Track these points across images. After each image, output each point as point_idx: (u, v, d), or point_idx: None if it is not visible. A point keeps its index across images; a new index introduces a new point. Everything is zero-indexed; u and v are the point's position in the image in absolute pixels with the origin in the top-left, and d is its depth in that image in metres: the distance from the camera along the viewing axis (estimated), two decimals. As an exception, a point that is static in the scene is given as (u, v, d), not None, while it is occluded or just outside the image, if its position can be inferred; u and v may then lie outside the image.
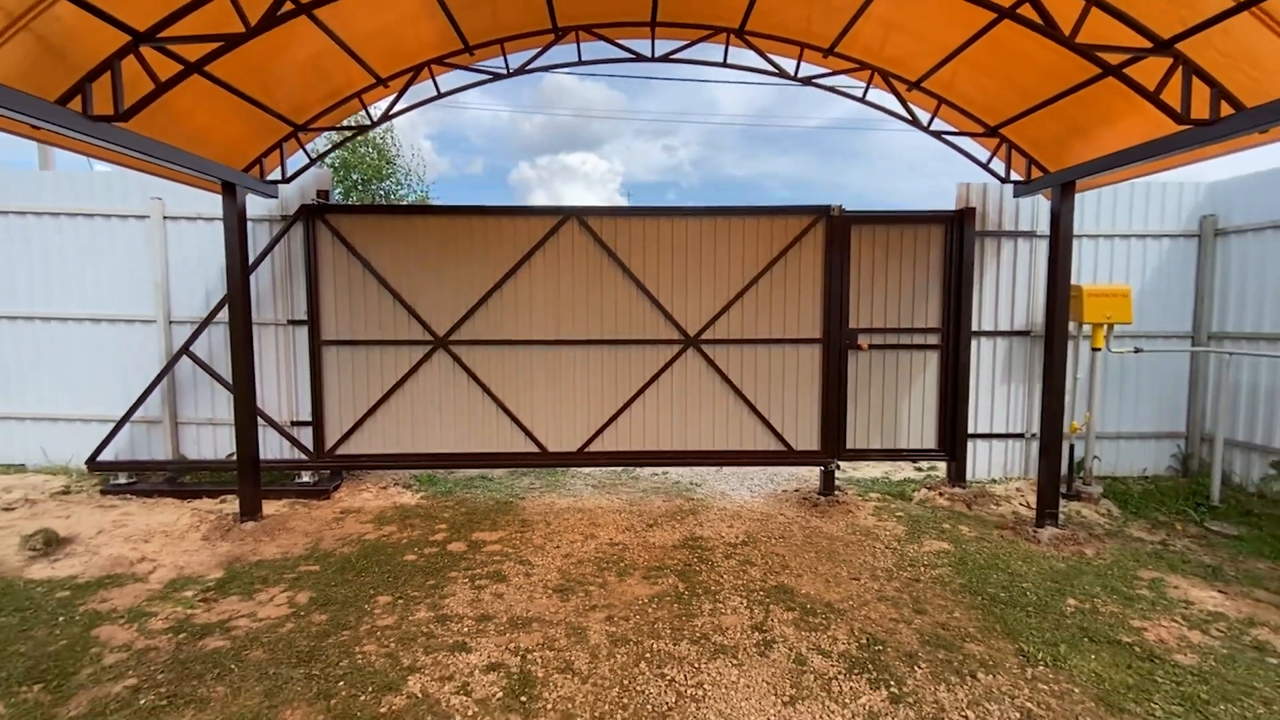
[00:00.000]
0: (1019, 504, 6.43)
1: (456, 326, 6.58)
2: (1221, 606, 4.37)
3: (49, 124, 3.88)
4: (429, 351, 6.61)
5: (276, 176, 6.27)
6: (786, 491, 6.87)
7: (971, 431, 6.93)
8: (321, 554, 5.03)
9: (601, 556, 5.03)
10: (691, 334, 6.67)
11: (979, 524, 5.89)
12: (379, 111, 6.45)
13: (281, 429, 6.71)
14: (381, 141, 16.48)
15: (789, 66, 6.27)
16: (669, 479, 7.29)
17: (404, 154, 17.49)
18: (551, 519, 5.90)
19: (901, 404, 6.80)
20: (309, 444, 6.69)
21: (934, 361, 6.78)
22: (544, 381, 6.69)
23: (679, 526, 5.73)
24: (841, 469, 7.16)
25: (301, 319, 6.67)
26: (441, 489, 6.82)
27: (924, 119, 6.32)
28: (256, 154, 5.94)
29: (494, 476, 7.26)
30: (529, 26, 5.94)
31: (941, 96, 6.11)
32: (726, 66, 6.24)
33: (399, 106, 6.13)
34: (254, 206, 6.52)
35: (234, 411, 5.75)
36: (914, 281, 6.69)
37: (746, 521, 5.89)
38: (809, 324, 6.66)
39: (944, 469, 7.13)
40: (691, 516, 6.01)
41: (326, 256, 6.51)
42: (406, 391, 6.65)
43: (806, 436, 6.76)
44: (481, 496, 6.59)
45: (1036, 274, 6.89)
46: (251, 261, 6.34)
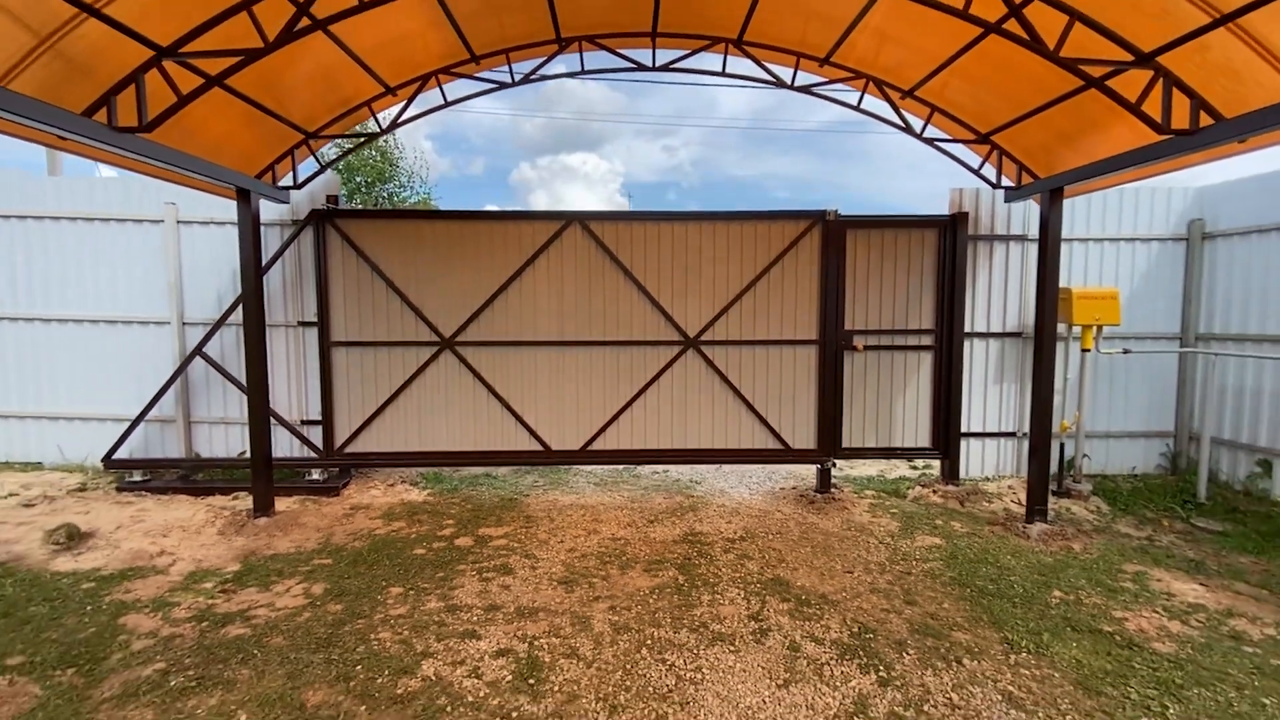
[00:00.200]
0: (1010, 501, 6.60)
1: (463, 328, 6.75)
2: (1202, 598, 4.53)
3: (75, 135, 4.06)
4: (436, 352, 6.79)
5: (288, 182, 6.44)
6: (784, 489, 7.04)
7: (965, 430, 7.10)
8: (334, 548, 5.21)
9: (604, 551, 5.21)
10: (691, 335, 6.84)
11: (971, 520, 6.06)
12: (387, 119, 6.62)
13: (292, 428, 6.88)
14: (384, 144, 16.66)
15: (786, 75, 6.45)
16: (669, 477, 7.46)
17: (406, 156, 17.69)
18: (555, 515, 6.07)
19: (896, 404, 6.97)
20: (318, 442, 6.87)
21: (928, 362, 6.95)
22: (547, 381, 6.87)
23: (679, 522, 5.90)
24: (838, 467, 7.34)
25: (311, 320, 6.85)
26: (447, 486, 6.99)
27: (917, 126, 6.49)
28: (269, 161, 6.13)
29: (498, 475, 7.43)
30: (534, 37, 6.12)
31: (934, 104, 6.28)
32: (725, 76, 6.43)
33: (407, 114, 6.30)
34: (265, 211, 6.69)
35: (248, 411, 5.93)
36: (908, 284, 6.86)
37: (745, 518, 6.06)
38: (806, 325, 6.84)
39: (938, 467, 7.30)
40: (691, 513, 6.18)
41: (336, 260, 6.69)
42: (414, 391, 6.83)
43: (803, 435, 6.93)
44: (486, 494, 6.77)
45: (1028, 277, 7.06)
46: (263, 265, 6.51)
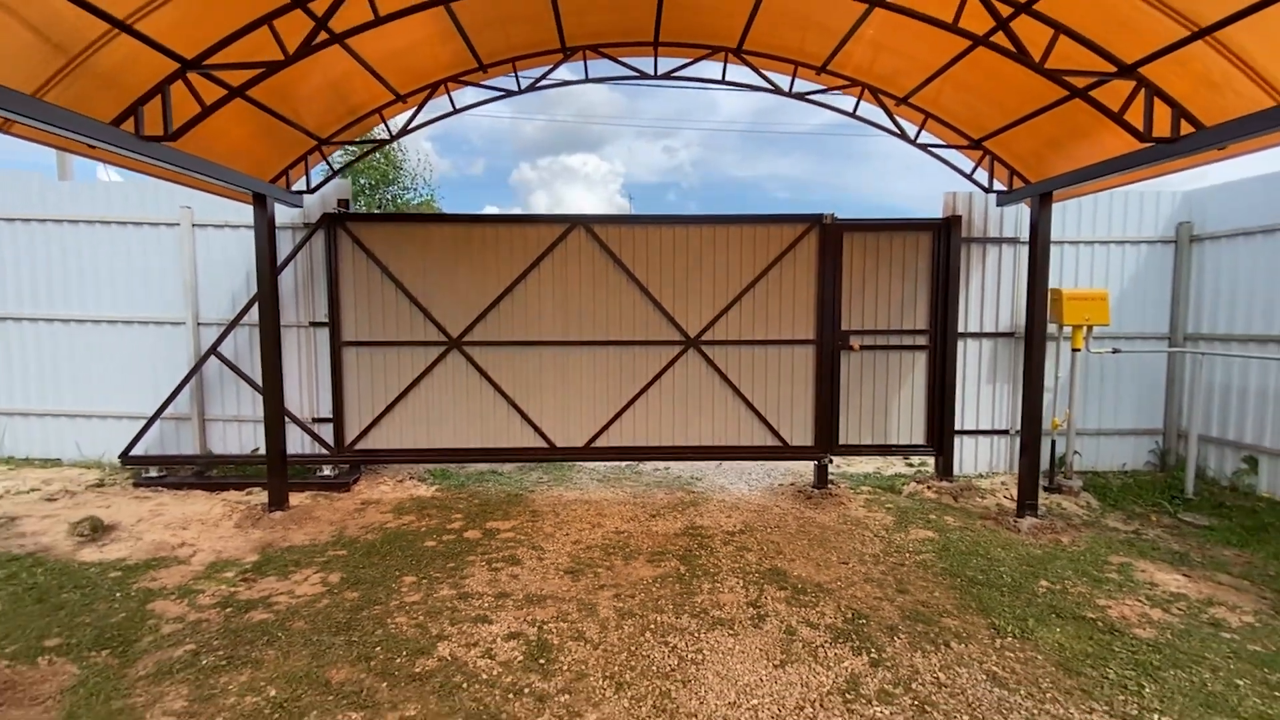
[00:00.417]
0: (1003, 497, 6.78)
1: (470, 328, 6.95)
2: (1184, 588, 4.71)
3: (104, 144, 4.26)
4: (443, 352, 6.98)
5: (301, 187, 6.65)
6: (782, 485, 7.22)
7: (959, 428, 7.28)
8: (347, 540, 5.40)
9: (608, 543, 5.39)
10: (692, 335, 7.03)
11: (963, 515, 6.24)
12: (397, 125, 6.82)
13: (304, 425, 7.08)
14: (388, 147, 16.85)
15: (784, 82, 6.64)
16: (670, 474, 7.65)
17: (410, 158, 17.88)
18: (560, 510, 6.26)
19: (892, 402, 7.16)
20: (329, 439, 7.07)
21: (922, 361, 7.14)
22: (552, 380, 7.06)
23: (680, 517, 6.09)
24: (835, 464, 7.53)
25: (322, 321, 7.05)
26: (454, 482, 7.18)
27: (911, 131, 6.68)
28: (283, 166, 6.33)
29: (504, 471, 7.62)
30: (539, 46, 6.32)
31: (928, 111, 6.47)
32: (725, 84, 6.63)
33: (417, 121, 6.50)
34: (278, 215, 6.86)
35: (263, 409, 6.12)
36: (903, 285, 7.05)
37: (744, 512, 6.25)
38: (803, 326, 7.02)
39: (933, 464, 7.48)
40: (692, 508, 6.36)
41: (347, 262, 6.88)
42: (422, 390, 7.02)
43: (801, 432, 7.12)
44: (493, 489, 6.96)
45: (1020, 278, 7.24)
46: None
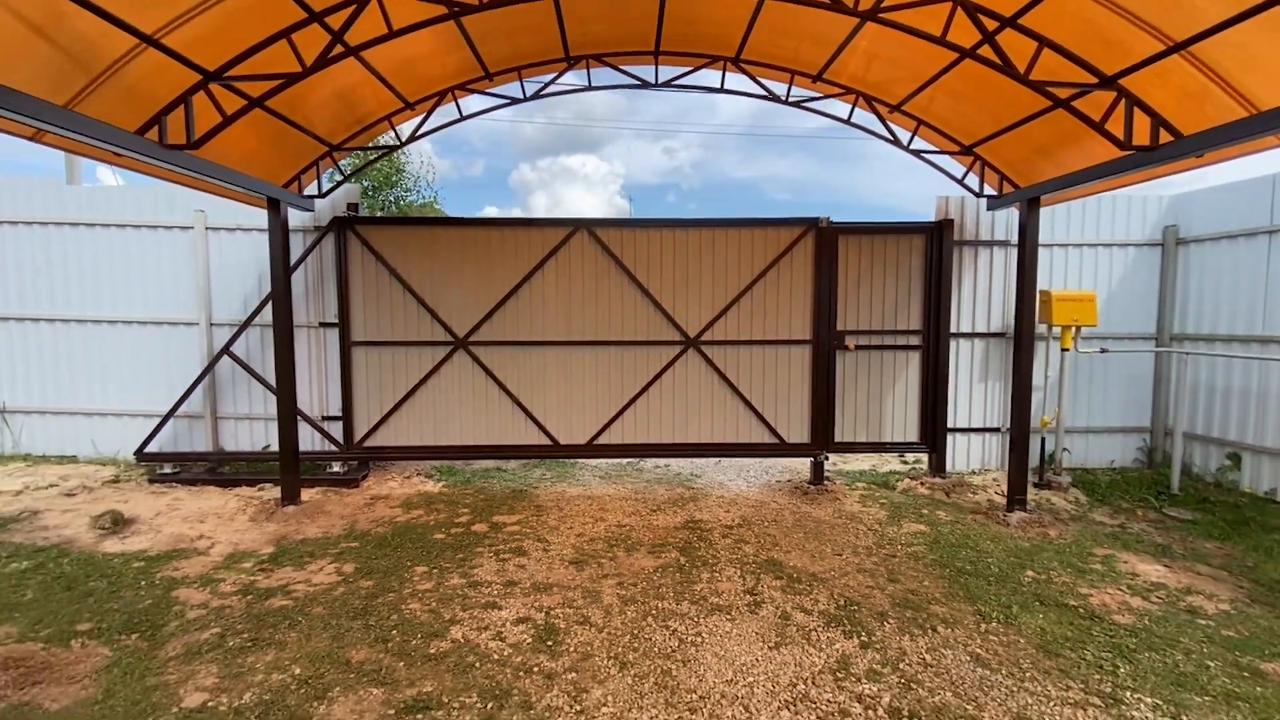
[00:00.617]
0: (994, 493, 6.97)
1: (476, 328, 7.15)
2: (1164, 578, 4.91)
3: (130, 152, 4.45)
4: (450, 351, 7.18)
5: (312, 191, 6.84)
6: (780, 482, 7.42)
7: (951, 426, 7.48)
8: (359, 533, 5.59)
9: (611, 536, 5.59)
10: (692, 335, 7.23)
11: (955, 510, 6.44)
12: (405, 131, 7.02)
13: (314, 423, 7.27)
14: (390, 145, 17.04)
15: (781, 90, 6.84)
16: (670, 470, 7.84)
17: (412, 160, 18.08)
18: (564, 505, 6.46)
19: (886, 400, 7.36)
20: (339, 437, 7.26)
21: (916, 361, 7.33)
22: (556, 379, 7.26)
23: (680, 511, 6.28)
24: (831, 461, 7.72)
25: (332, 321, 7.24)
26: (461, 478, 7.38)
27: (904, 138, 6.88)
28: (295, 171, 6.52)
29: (508, 468, 7.82)
30: (544, 56, 6.52)
31: (920, 118, 6.67)
32: (724, 91, 6.83)
33: (425, 128, 6.70)
34: (290, 218, 7.07)
35: (277, 407, 6.31)
36: (897, 287, 7.25)
37: (742, 507, 6.44)
38: (800, 326, 7.22)
39: (927, 461, 7.68)
40: (692, 503, 6.56)
41: (356, 264, 7.08)
42: (429, 388, 7.22)
43: (798, 430, 7.32)
44: (498, 485, 7.15)
45: (1010, 280, 7.43)
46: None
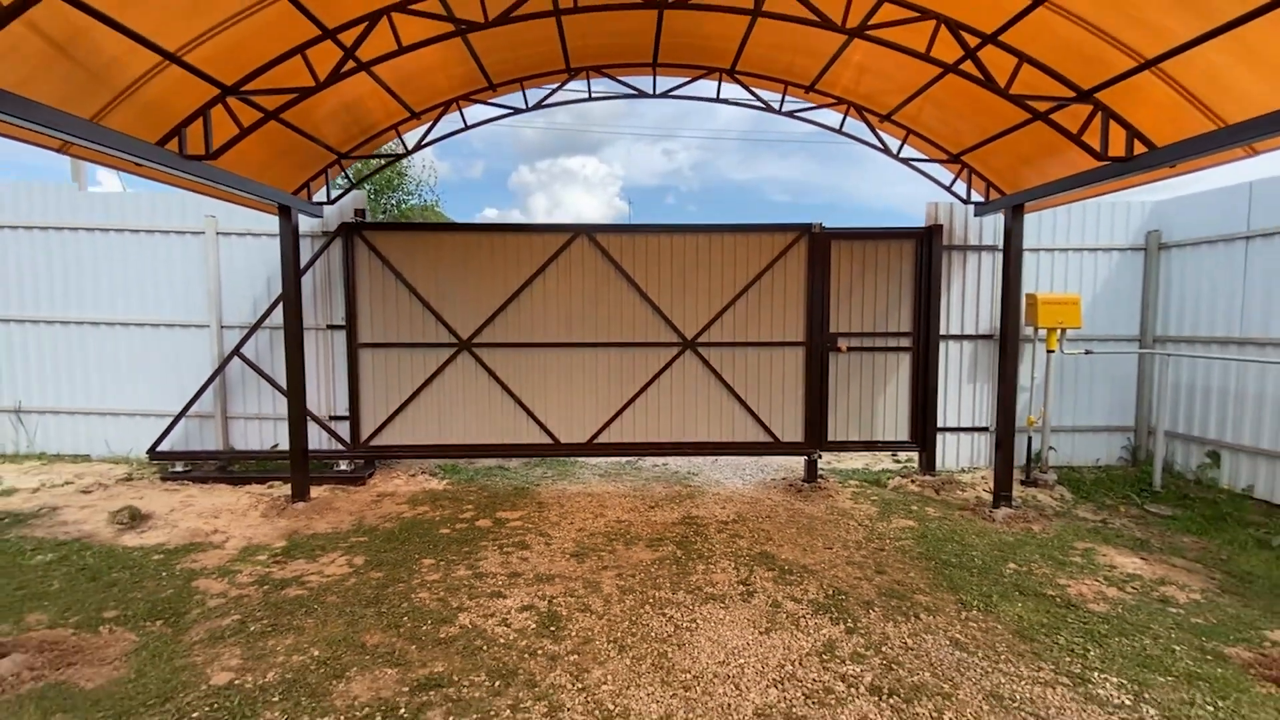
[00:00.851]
0: (982, 490, 7.19)
1: (479, 331, 7.36)
2: (1140, 570, 5.12)
3: (152, 162, 4.67)
4: (454, 353, 7.39)
5: (321, 198, 7.06)
6: (775, 480, 7.63)
7: (941, 425, 7.70)
8: (367, 528, 5.80)
9: (610, 530, 5.80)
10: (689, 337, 7.45)
11: (943, 506, 6.65)
12: (411, 139, 7.24)
13: (322, 423, 7.48)
14: (391, 150, 17.25)
15: (775, 100, 7.07)
16: (668, 469, 8.06)
17: (414, 164, 18.29)
18: (564, 501, 6.67)
19: (878, 400, 7.58)
20: (346, 436, 7.47)
21: (906, 362, 7.56)
22: (556, 380, 7.47)
23: (677, 508, 6.50)
24: (825, 460, 7.94)
25: (339, 324, 7.46)
26: (464, 476, 7.59)
27: (894, 146, 7.11)
28: (305, 179, 6.74)
29: (510, 467, 8.03)
30: (546, 67, 6.74)
31: (909, 127, 6.90)
32: (719, 101, 7.06)
33: (431, 137, 6.92)
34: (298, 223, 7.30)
35: (288, 407, 6.52)
36: (888, 290, 7.48)
37: (737, 504, 6.66)
38: (794, 328, 7.45)
39: (917, 460, 7.89)
40: (689, 500, 6.77)
41: (363, 268, 7.30)
42: (434, 389, 7.43)
43: (792, 429, 7.54)
44: (500, 483, 7.36)
45: (998, 284, 7.66)
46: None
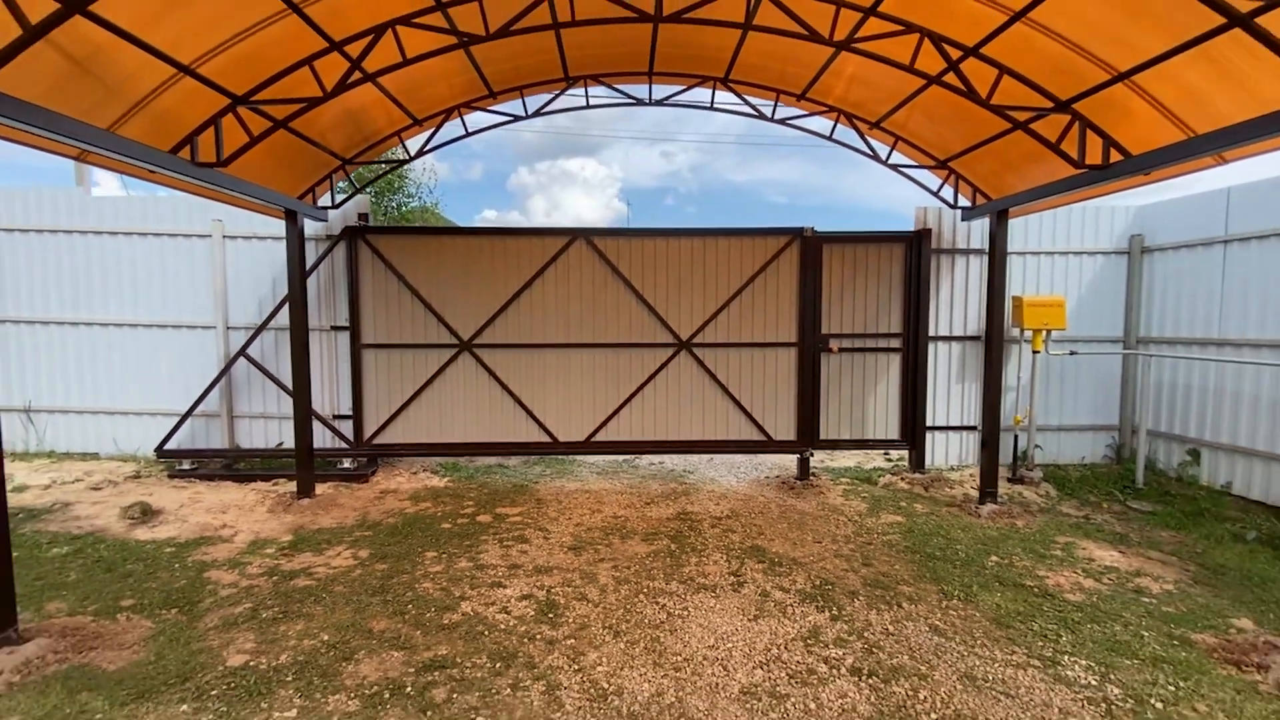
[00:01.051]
0: (970, 487, 7.38)
1: (480, 332, 7.55)
2: (1117, 563, 5.31)
3: (164, 170, 4.85)
4: (455, 354, 7.58)
5: (325, 202, 7.24)
6: (768, 478, 7.82)
7: (930, 424, 7.90)
8: (371, 523, 5.98)
9: (607, 525, 5.99)
10: (684, 338, 7.64)
11: (931, 502, 6.85)
12: (413, 145, 7.44)
13: (326, 421, 7.66)
14: (392, 155, 17.41)
15: (767, 108, 7.27)
16: (664, 467, 8.25)
17: (414, 167, 18.46)
18: (563, 498, 6.85)
19: (868, 400, 7.78)
20: (349, 434, 7.65)
21: (896, 363, 7.75)
22: (555, 380, 7.66)
23: (672, 504, 6.68)
24: (818, 458, 8.13)
25: (343, 325, 7.64)
26: (465, 474, 7.77)
27: (883, 152, 7.31)
28: (310, 184, 6.92)
29: (509, 465, 8.21)
30: (545, 76, 6.94)
31: (898, 134, 7.10)
32: (714, 109, 7.25)
33: (433, 143, 7.11)
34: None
35: (293, 406, 6.70)
36: (878, 293, 7.68)
37: (731, 501, 6.85)
38: (786, 329, 7.64)
39: (908, 458, 8.09)
40: (684, 497, 6.96)
41: (366, 271, 7.48)
42: (435, 388, 7.62)
43: (785, 428, 7.73)
44: (500, 481, 7.55)
45: (985, 286, 7.85)
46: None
